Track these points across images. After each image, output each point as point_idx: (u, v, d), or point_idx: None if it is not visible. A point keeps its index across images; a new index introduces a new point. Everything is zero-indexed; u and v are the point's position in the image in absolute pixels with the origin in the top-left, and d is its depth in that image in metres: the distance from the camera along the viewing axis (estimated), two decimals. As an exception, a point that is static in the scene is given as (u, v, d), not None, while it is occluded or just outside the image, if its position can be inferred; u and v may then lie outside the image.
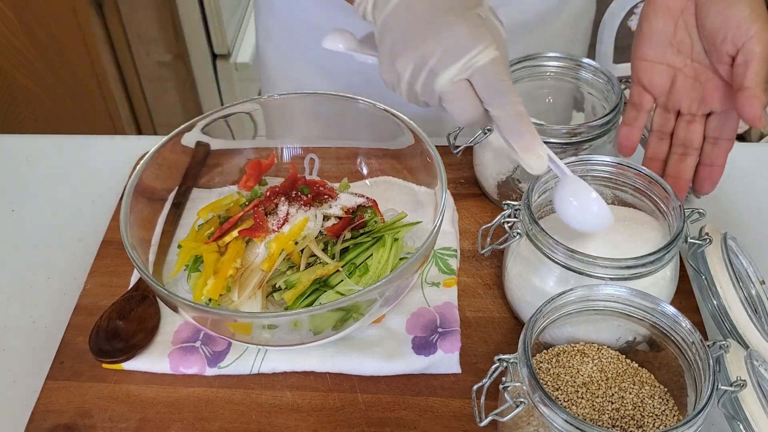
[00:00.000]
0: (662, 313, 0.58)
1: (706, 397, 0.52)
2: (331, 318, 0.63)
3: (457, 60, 0.56)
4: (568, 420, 0.50)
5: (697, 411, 0.50)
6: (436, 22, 0.56)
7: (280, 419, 0.65)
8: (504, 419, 0.54)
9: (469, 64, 0.55)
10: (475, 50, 0.55)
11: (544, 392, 0.51)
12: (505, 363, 0.56)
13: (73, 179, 0.89)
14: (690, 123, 0.72)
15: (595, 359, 0.60)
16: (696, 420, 0.50)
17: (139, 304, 0.72)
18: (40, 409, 0.66)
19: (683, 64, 0.71)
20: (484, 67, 0.56)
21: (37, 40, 1.64)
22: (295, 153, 0.81)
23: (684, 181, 0.73)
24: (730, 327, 0.63)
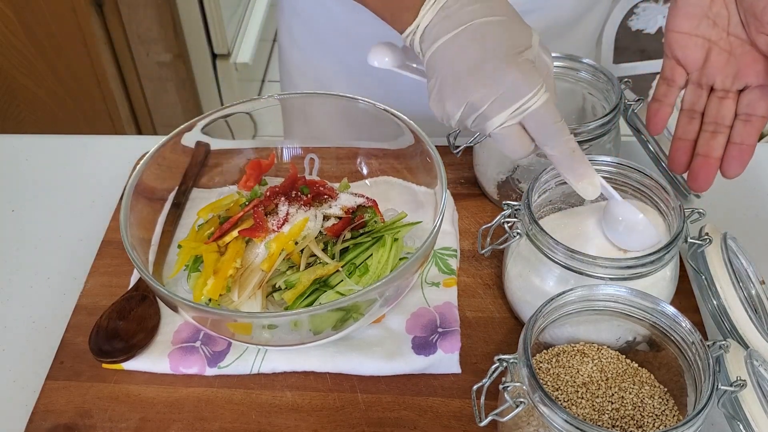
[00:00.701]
0: (662, 313, 0.58)
1: (706, 397, 0.52)
2: (331, 318, 0.63)
3: (509, 106, 0.57)
4: (567, 420, 0.50)
5: (697, 411, 0.50)
6: (487, 68, 0.57)
7: (280, 419, 0.65)
8: (504, 419, 0.54)
9: (521, 110, 0.57)
10: (527, 96, 0.57)
11: (544, 392, 0.51)
12: (505, 363, 0.56)
13: (73, 179, 0.89)
14: (722, 99, 0.70)
15: (595, 359, 0.60)
16: (696, 420, 0.50)
17: (139, 304, 0.72)
18: (40, 409, 0.66)
19: (719, 38, 0.69)
20: (536, 112, 0.57)
21: (37, 40, 1.64)
22: (295, 153, 0.81)
23: (714, 160, 0.71)
24: (729, 327, 0.63)
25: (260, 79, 2.46)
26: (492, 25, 0.58)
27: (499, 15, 0.58)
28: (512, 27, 0.58)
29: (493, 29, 0.58)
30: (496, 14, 0.58)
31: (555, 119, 0.58)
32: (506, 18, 0.58)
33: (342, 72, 0.93)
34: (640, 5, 1.11)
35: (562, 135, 0.59)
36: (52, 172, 0.90)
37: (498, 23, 0.58)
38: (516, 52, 0.57)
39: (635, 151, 0.82)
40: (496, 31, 0.58)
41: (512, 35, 0.58)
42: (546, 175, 0.67)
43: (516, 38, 0.58)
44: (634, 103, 0.77)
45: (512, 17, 0.59)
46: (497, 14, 0.58)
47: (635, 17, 1.11)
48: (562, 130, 0.59)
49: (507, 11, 0.59)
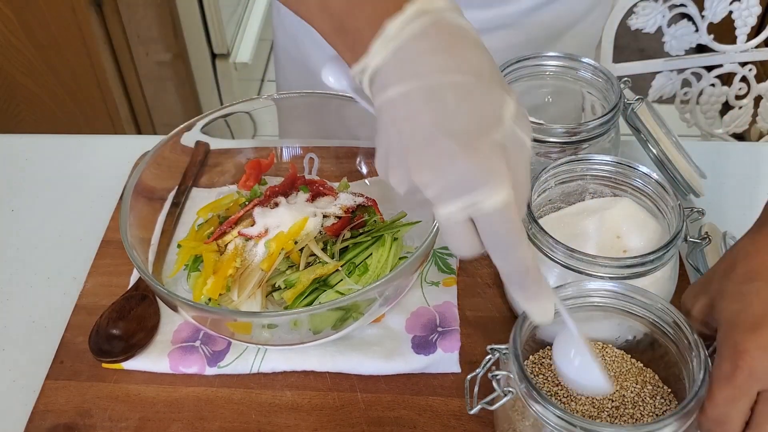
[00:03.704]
0: (656, 308, 0.57)
1: (696, 390, 0.51)
2: (331, 317, 0.63)
3: (456, 199, 0.45)
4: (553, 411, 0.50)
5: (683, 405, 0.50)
6: (438, 148, 0.44)
7: (279, 418, 0.65)
8: (493, 407, 0.54)
9: (470, 207, 0.45)
10: (481, 192, 0.44)
11: (530, 382, 0.51)
12: (497, 353, 0.56)
13: (73, 179, 0.89)
14: None
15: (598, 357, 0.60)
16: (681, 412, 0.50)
17: (139, 303, 0.72)
18: (39, 409, 0.66)
19: None
20: (490, 214, 0.45)
21: (37, 40, 1.64)
22: (295, 152, 0.81)
23: None
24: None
25: (260, 79, 2.46)
26: (453, 89, 0.45)
27: (465, 73, 0.45)
28: (479, 93, 0.45)
29: (454, 94, 0.44)
30: (462, 71, 0.45)
31: (510, 228, 0.45)
32: (474, 79, 0.45)
33: None
34: (639, 4, 1.11)
35: (516, 248, 0.46)
36: (52, 172, 0.90)
37: (461, 86, 0.45)
38: (477, 132, 0.44)
39: (635, 151, 0.82)
40: (457, 97, 0.44)
41: (477, 106, 0.45)
42: (546, 175, 0.68)
43: (481, 110, 0.45)
44: (634, 102, 0.77)
45: (483, 77, 0.45)
46: (463, 71, 0.45)
47: (635, 16, 1.11)
48: (518, 242, 0.46)
49: (478, 67, 0.46)
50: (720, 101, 1.22)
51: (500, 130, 0.45)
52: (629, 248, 0.66)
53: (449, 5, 0.46)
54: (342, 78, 0.53)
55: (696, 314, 0.56)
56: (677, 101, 1.22)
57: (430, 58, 0.45)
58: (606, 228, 0.67)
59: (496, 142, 0.44)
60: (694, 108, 1.22)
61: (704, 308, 0.55)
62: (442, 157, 0.44)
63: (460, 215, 0.45)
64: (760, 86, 1.21)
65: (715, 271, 0.56)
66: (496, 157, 0.44)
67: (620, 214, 0.68)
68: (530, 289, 0.48)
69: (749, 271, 0.53)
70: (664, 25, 1.12)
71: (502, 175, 0.44)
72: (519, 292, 0.49)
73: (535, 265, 0.47)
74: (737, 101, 1.22)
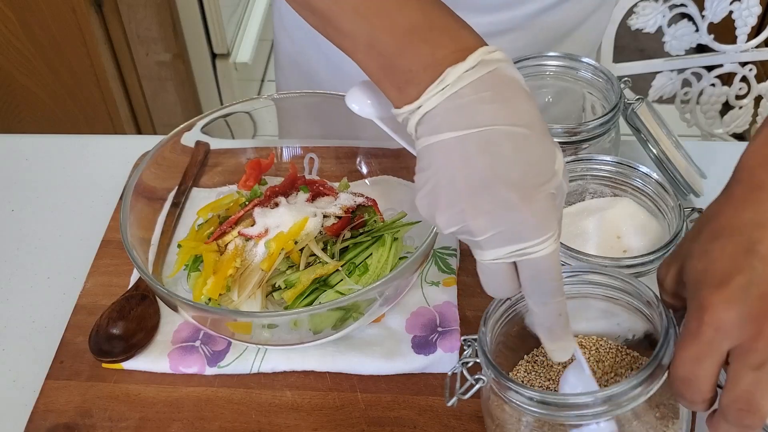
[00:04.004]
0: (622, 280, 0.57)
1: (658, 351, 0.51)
2: (331, 317, 0.63)
3: (507, 246, 0.47)
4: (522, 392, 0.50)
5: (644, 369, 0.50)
6: (494, 195, 0.46)
7: (279, 418, 0.65)
8: (466, 396, 0.54)
9: (521, 253, 0.47)
10: (533, 242, 0.46)
11: (495, 368, 0.52)
12: (470, 343, 0.56)
13: (73, 179, 0.89)
14: None
15: (592, 350, 0.60)
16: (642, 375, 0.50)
17: (139, 303, 0.72)
18: (39, 409, 0.66)
19: None
20: (538, 262, 0.47)
21: (37, 40, 1.64)
22: (295, 152, 0.81)
23: None
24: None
25: (260, 79, 2.46)
26: (511, 139, 0.46)
27: (522, 126, 0.46)
28: (536, 145, 0.47)
29: (512, 145, 0.46)
30: (517, 122, 0.46)
31: (554, 276, 0.48)
32: (528, 131, 0.46)
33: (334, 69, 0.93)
34: (639, 4, 1.11)
35: (555, 295, 0.49)
36: (52, 172, 0.90)
37: (520, 138, 0.46)
38: (535, 184, 0.46)
39: (635, 151, 0.82)
40: (516, 148, 0.46)
41: (534, 158, 0.46)
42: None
43: (539, 163, 0.46)
44: (634, 102, 0.77)
45: (536, 129, 0.47)
46: (520, 123, 0.46)
47: (635, 16, 1.11)
48: (558, 290, 0.49)
49: (533, 120, 0.47)
50: (720, 101, 1.22)
51: (554, 181, 0.47)
52: (629, 248, 0.66)
53: (505, 57, 0.48)
54: (366, 105, 0.55)
55: (668, 284, 0.54)
56: (677, 101, 1.22)
57: (486, 106, 0.46)
58: (606, 228, 0.67)
59: (551, 194, 0.47)
60: (694, 108, 1.22)
61: (675, 275, 0.54)
62: (500, 205, 0.46)
63: (506, 260, 0.48)
64: (761, 86, 1.21)
65: (685, 238, 0.55)
66: (552, 208, 0.47)
67: (620, 214, 0.68)
68: (557, 332, 0.51)
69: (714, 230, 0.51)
70: (665, 25, 1.12)
71: (555, 227, 0.47)
72: (545, 334, 0.51)
73: (566, 311, 0.50)
74: (737, 101, 1.22)
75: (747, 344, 0.46)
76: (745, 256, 0.48)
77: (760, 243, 0.48)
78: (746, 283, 0.47)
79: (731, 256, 0.49)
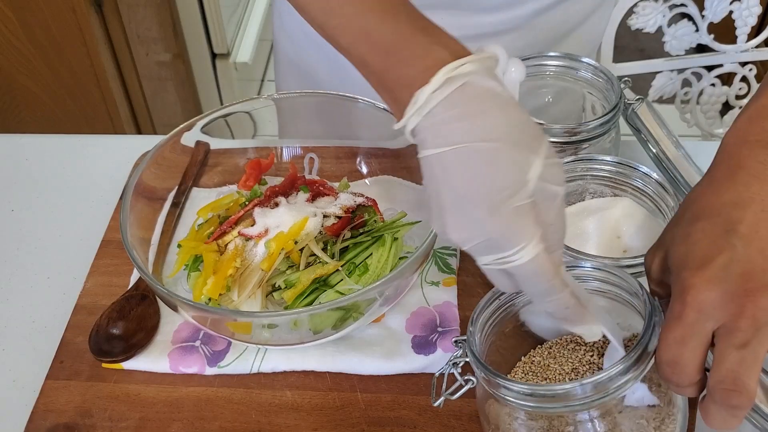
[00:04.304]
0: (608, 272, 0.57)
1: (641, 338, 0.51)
2: (331, 317, 0.63)
3: (489, 255, 0.49)
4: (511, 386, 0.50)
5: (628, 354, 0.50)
6: (468, 212, 0.48)
7: (280, 418, 0.65)
8: (454, 397, 0.54)
9: (502, 262, 0.49)
10: (509, 252, 0.48)
11: (484, 366, 0.52)
12: (461, 345, 0.56)
13: (73, 179, 0.89)
14: None
15: (588, 345, 0.60)
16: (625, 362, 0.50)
17: (139, 303, 0.72)
18: (39, 409, 0.66)
19: None
20: (519, 269, 0.49)
21: (37, 40, 1.64)
22: (295, 152, 0.81)
23: None
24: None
25: (260, 79, 2.46)
26: (480, 156, 0.47)
27: (489, 139, 0.47)
28: (505, 158, 0.47)
29: (481, 161, 0.47)
30: (490, 137, 0.47)
31: (542, 278, 0.49)
32: (498, 144, 0.47)
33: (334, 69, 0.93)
34: (639, 4, 1.11)
35: (551, 294, 0.50)
36: (52, 172, 0.90)
37: (488, 153, 0.47)
38: (502, 198, 0.47)
39: (635, 151, 0.82)
40: (484, 163, 0.47)
41: (502, 173, 0.47)
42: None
43: (507, 176, 0.47)
44: (634, 102, 0.77)
45: (508, 141, 0.47)
46: (491, 138, 0.47)
47: (635, 16, 1.11)
48: (551, 288, 0.50)
49: (504, 131, 0.47)
50: (720, 101, 1.22)
51: (524, 192, 0.47)
52: (629, 248, 0.66)
53: (478, 67, 0.48)
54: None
55: (654, 272, 0.55)
56: (677, 101, 1.22)
57: (456, 124, 0.47)
58: (606, 228, 0.67)
59: (520, 206, 0.47)
60: (694, 108, 1.22)
61: (660, 262, 0.54)
62: (471, 222, 0.48)
63: (494, 266, 0.49)
64: (761, 86, 1.21)
65: (669, 225, 0.55)
66: (521, 219, 0.47)
67: (620, 214, 0.68)
68: (574, 320, 0.52)
69: (695, 212, 0.51)
70: (665, 25, 1.12)
71: (528, 235, 0.47)
72: (564, 323, 0.53)
73: (573, 301, 0.51)
74: (737, 101, 1.22)
75: (730, 324, 0.46)
76: (726, 236, 0.48)
77: (739, 223, 0.48)
78: (727, 262, 0.47)
79: (711, 237, 0.49)
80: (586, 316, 0.52)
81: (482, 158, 0.47)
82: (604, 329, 0.54)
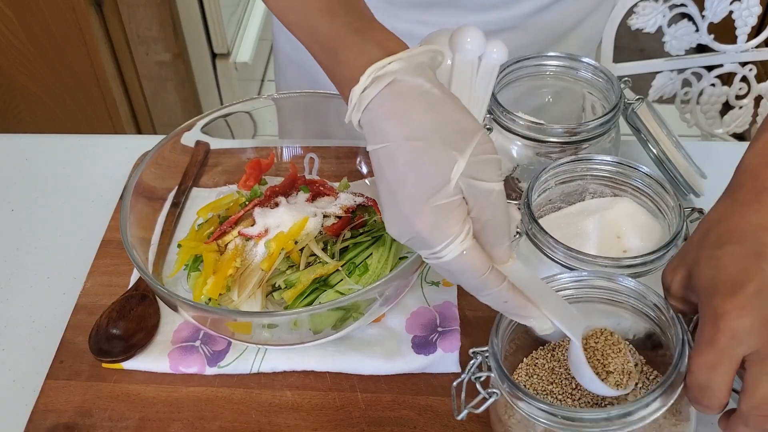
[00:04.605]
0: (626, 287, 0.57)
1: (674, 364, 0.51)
2: (331, 317, 0.63)
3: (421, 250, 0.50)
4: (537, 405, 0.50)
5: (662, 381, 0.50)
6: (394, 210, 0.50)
7: (280, 418, 0.65)
8: (478, 410, 0.54)
9: (433, 257, 0.49)
10: (435, 249, 0.49)
11: (510, 380, 0.51)
12: (480, 356, 0.56)
13: (73, 179, 0.89)
14: None
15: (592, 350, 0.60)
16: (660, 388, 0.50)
17: (139, 303, 0.72)
18: (39, 409, 0.66)
19: None
20: (447, 265, 0.49)
21: (37, 40, 1.64)
22: (295, 152, 0.81)
23: None
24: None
25: (260, 79, 2.46)
26: (403, 154, 0.48)
27: (415, 138, 0.48)
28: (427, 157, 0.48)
29: (404, 160, 0.48)
30: (414, 136, 0.48)
31: (471, 275, 0.50)
32: (422, 143, 0.48)
33: None
34: (639, 4, 1.10)
35: (486, 288, 0.50)
36: (52, 171, 0.90)
37: (411, 151, 0.48)
38: (423, 197, 0.48)
39: (635, 151, 0.82)
40: (406, 162, 0.48)
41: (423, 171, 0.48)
42: (546, 175, 0.68)
43: (426, 176, 0.48)
44: (634, 102, 0.77)
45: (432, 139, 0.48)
46: (414, 136, 0.48)
47: (635, 16, 1.11)
48: (483, 284, 0.50)
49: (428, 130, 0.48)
50: (720, 101, 1.22)
51: (445, 191, 0.48)
52: (629, 248, 0.66)
53: (406, 65, 0.49)
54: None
55: (675, 290, 0.55)
56: (677, 101, 1.22)
57: (384, 122, 0.49)
58: (606, 228, 0.67)
59: (443, 204, 0.48)
60: (694, 108, 1.22)
61: (683, 281, 0.54)
62: (401, 218, 0.49)
63: (431, 261, 0.50)
64: (761, 86, 1.21)
65: (690, 242, 0.55)
66: (444, 217, 0.48)
67: (620, 214, 0.68)
68: (518, 314, 0.53)
69: (721, 235, 0.52)
70: (665, 25, 1.12)
71: (450, 234, 0.48)
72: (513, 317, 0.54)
73: (513, 293, 0.51)
74: (737, 101, 1.22)
75: (764, 350, 0.47)
76: (756, 261, 0.49)
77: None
78: (758, 288, 0.48)
79: (741, 261, 0.49)
80: (529, 309, 0.52)
81: (405, 157, 0.48)
82: (557, 323, 0.53)
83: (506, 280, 0.51)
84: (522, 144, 0.75)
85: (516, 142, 0.75)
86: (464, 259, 0.49)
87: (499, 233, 0.50)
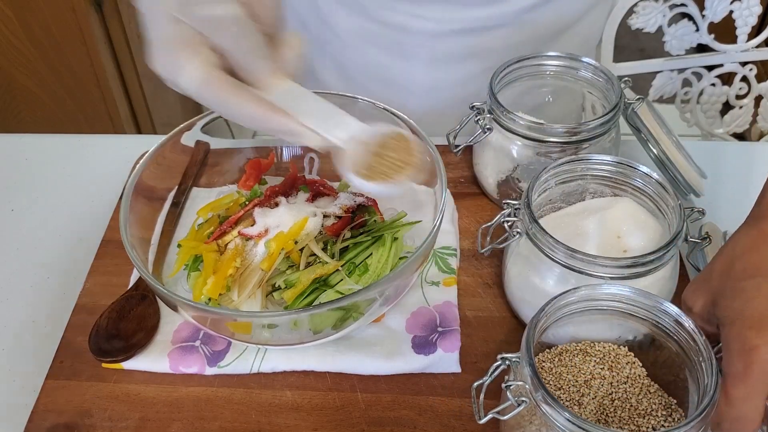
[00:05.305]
0: (665, 313, 0.58)
1: (710, 395, 0.51)
2: (331, 317, 0.63)
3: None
4: (569, 419, 0.50)
5: (700, 411, 0.50)
6: (153, 62, 0.59)
7: (280, 418, 0.65)
8: (504, 417, 0.54)
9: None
10: (179, 83, 0.59)
11: (546, 391, 0.51)
12: (508, 362, 0.56)
13: (73, 179, 0.89)
14: None
15: (598, 357, 0.60)
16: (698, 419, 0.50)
17: (139, 303, 0.72)
18: (39, 409, 0.66)
19: None
20: (193, 92, 0.59)
21: (37, 40, 1.64)
22: (295, 152, 0.81)
23: None
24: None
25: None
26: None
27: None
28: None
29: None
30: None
31: (215, 101, 0.58)
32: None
33: (337, 69, 0.93)
34: (639, 4, 1.11)
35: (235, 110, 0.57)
36: (52, 171, 0.90)
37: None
38: (160, 37, 0.57)
39: (635, 151, 0.82)
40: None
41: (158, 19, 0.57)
42: (546, 174, 0.67)
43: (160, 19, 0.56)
44: (634, 102, 0.77)
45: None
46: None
47: (635, 16, 1.11)
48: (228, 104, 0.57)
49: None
50: (720, 101, 1.22)
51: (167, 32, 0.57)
52: (629, 248, 0.66)
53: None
54: None
55: (699, 312, 0.56)
56: (678, 101, 1.22)
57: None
58: (606, 228, 0.67)
59: (170, 45, 0.57)
60: (694, 108, 1.22)
61: (706, 306, 0.56)
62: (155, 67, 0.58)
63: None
64: (761, 86, 1.21)
65: (714, 269, 0.56)
66: (172, 55, 0.57)
67: (620, 214, 0.68)
68: (297, 141, 0.56)
69: (748, 267, 0.53)
70: (665, 25, 1.12)
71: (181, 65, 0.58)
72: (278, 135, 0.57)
73: (263, 111, 0.55)
74: (738, 101, 1.22)
75: None
76: None
77: None
78: None
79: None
80: (301, 132, 0.56)
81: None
82: (323, 133, 0.56)
83: (254, 96, 0.55)
84: (522, 144, 0.75)
85: (516, 142, 0.75)
86: (209, 86, 0.55)
87: (248, 58, 0.55)
